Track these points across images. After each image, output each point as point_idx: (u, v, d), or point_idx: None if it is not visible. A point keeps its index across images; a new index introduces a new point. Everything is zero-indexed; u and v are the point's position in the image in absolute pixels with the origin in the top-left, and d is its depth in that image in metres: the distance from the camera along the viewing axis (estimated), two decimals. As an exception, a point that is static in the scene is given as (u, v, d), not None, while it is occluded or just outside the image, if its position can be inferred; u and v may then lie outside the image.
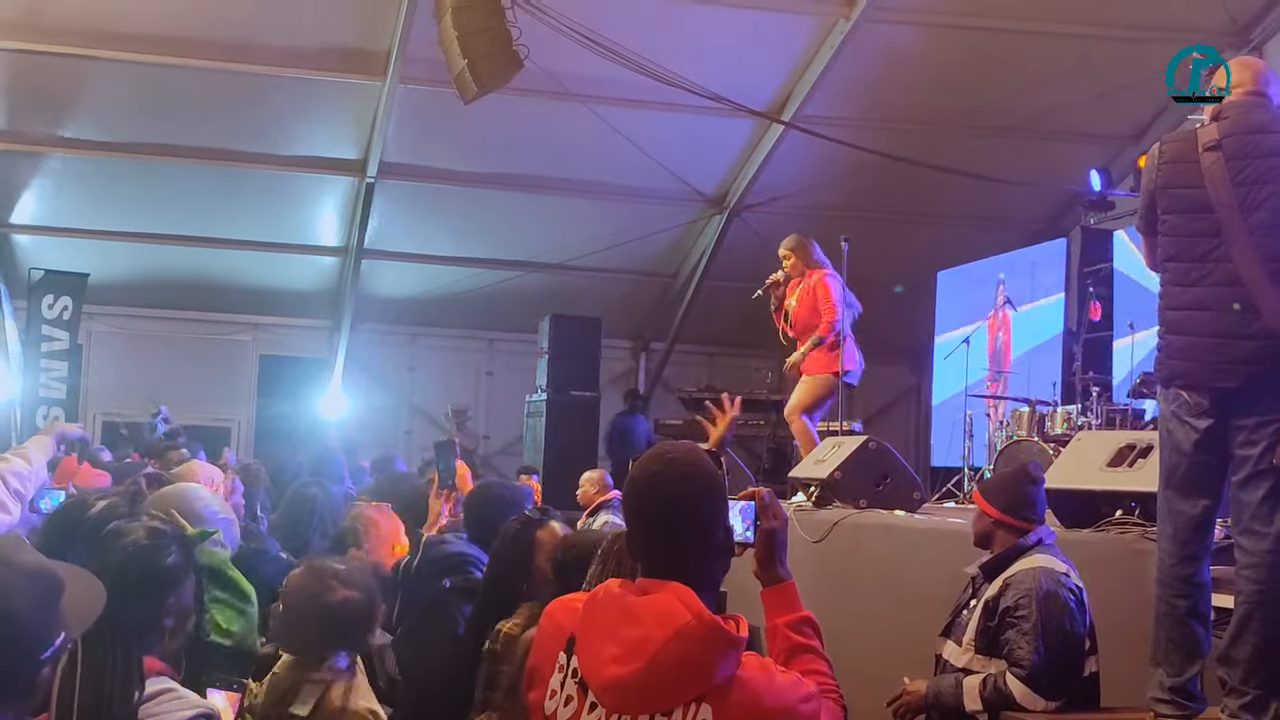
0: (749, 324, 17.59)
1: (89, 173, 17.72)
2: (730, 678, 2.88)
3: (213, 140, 17.02)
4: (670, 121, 16.19)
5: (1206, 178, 4.54)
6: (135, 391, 19.79)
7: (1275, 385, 4.36)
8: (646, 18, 14.54)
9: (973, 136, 16.41)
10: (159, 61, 15.59)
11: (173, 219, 18.35)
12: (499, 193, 17.96)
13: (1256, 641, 4.39)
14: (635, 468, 3.17)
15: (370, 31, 15.49)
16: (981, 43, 15.57)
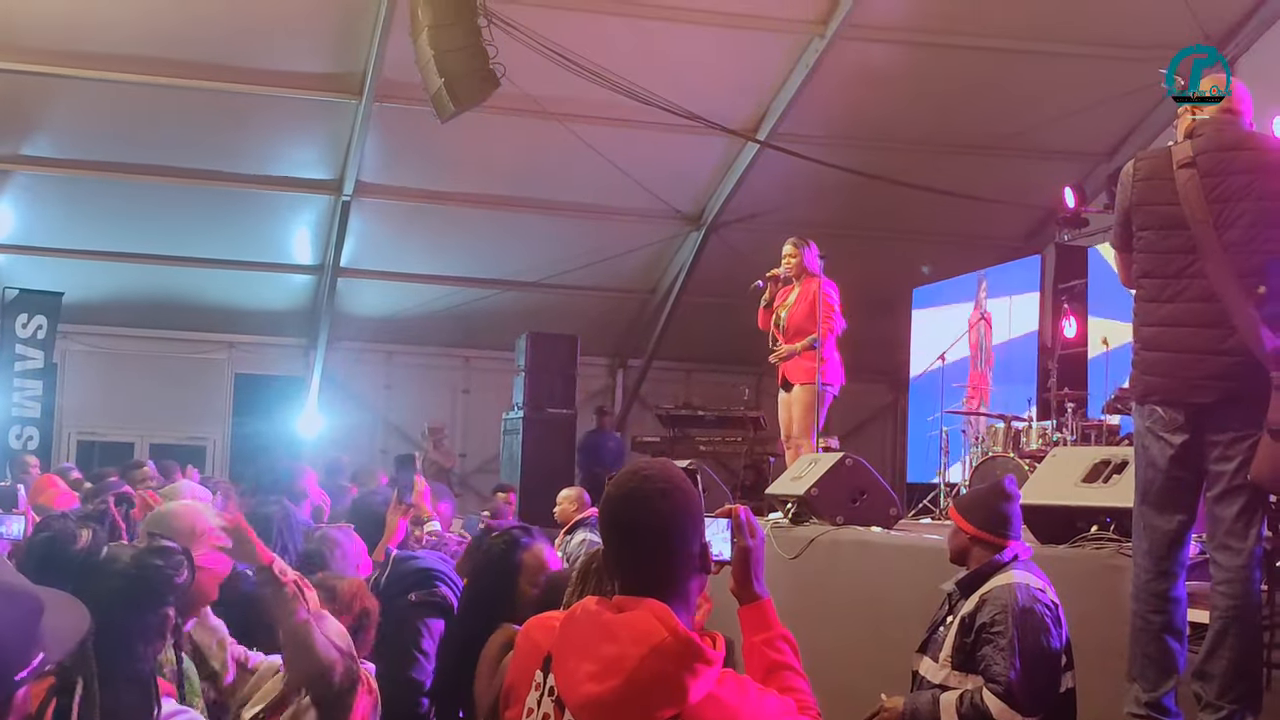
0: (726, 340, 17.72)
1: (64, 191, 17.68)
2: (707, 695, 2.87)
3: (188, 159, 17.00)
4: (646, 140, 16.22)
5: (1181, 195, 4.56)
6: (111, 411, 19.81)
7: (1250, 401, 4.38)
8: (622, 37, 14.59)
9: (947, 154, 16.48)
10: (134, 80, 15.59)
11: (148, 238, 18.32)
12: (475, 211, 17.98)
13: (1232, 656, 4.40)
14: (611, 485, 3.17)
15: (346, 50, 15.50)
16: (954, 61, 15.63)
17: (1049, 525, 6.62)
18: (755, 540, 3.27)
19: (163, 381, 19.93)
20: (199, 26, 14.97)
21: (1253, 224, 4.47)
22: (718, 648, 2.93)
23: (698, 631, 2.96)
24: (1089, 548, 6.38)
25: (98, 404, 19.79)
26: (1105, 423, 11.56)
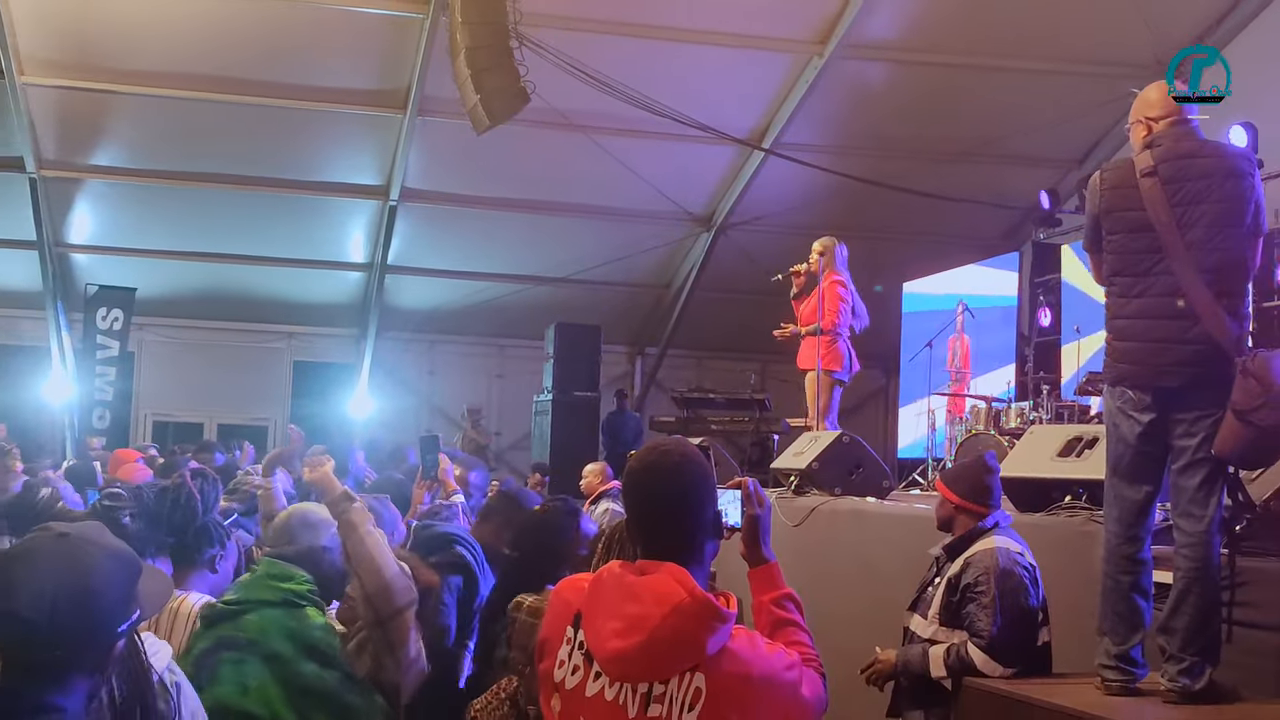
0: (734, 330, 17.74)
1: (138, 197, 17.73)
2: (721, 649, 2.87)
3: (250, 168, 17.07)
4: (662, 148, 16.21)
5: (1146, 200, 4.55)
6: (182, 394, 19.89)
7: (1211, 384, 4.37)
8: (640, 56, 14.57)
9: (934, 161, 16.44)
10: (201, 97, 15.65)
11: (214, 239, 18.37)
12: (508, 214, 17.97)
13: (1193, 613, 4.40)
14: (633, 460, 3.17)
15: (392, 70, 15.52)
16: (942, 77, 15.61)
17: (1027, 495, 6.61)
18: (763, 509, 3.27)
19: (228, 368, 20.00)
20: (260, 48, 15.00)
21: (1212, 224, 4.46)
22: (731, 606, 2.93)
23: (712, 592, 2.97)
24: (1063, 516, 6.37)
25: (170, 388, 19.88)
26: (1077, 404, 11.53)
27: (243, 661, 3.77)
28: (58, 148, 16.67)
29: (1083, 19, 14.47)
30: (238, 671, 3.76)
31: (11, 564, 2.40)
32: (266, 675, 3.76)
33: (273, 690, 3.74)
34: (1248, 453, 4.42)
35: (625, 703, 2.89)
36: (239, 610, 3.88)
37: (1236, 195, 4.51)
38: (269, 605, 3.88)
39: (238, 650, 3.79)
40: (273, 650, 3.79)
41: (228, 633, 3.84)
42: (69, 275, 19.02)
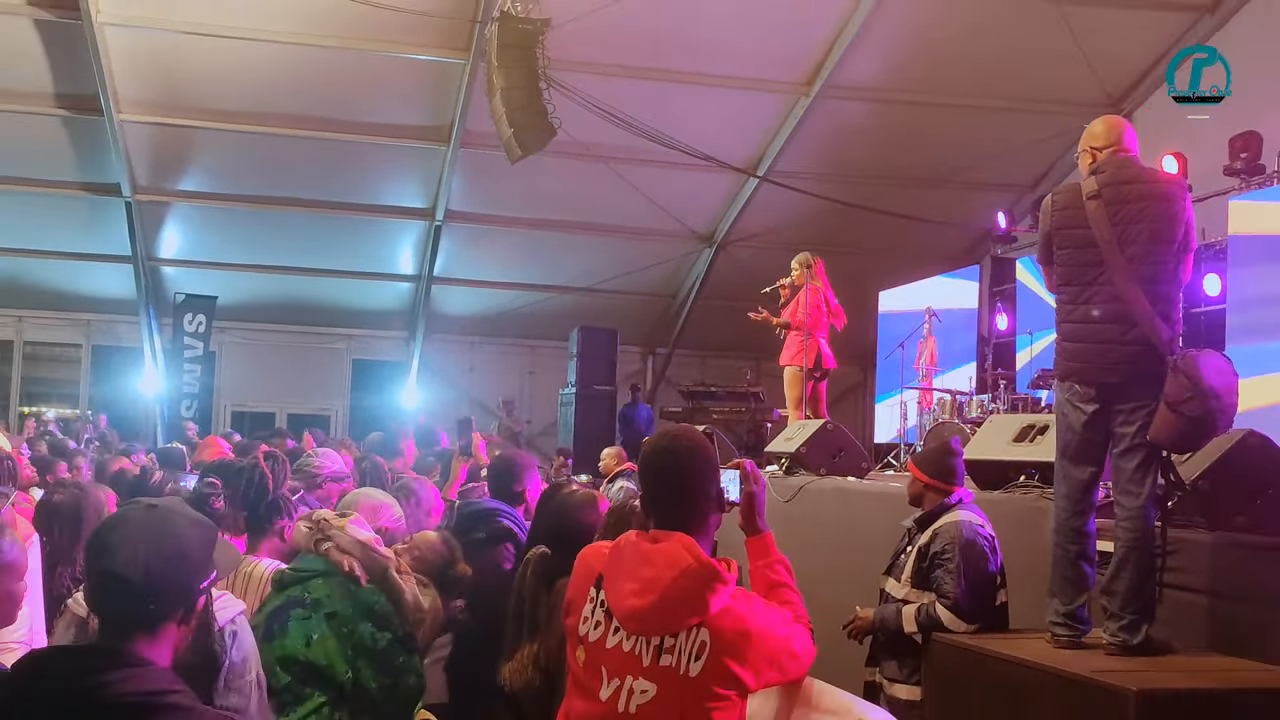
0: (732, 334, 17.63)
1: (219, 218, 17.81)
2: (723, 608, 2.87)
3: (315, 192, 17.12)
4: (669, 175, 16.20)
5: (1091, 220, 4.54)
6: (257, 387, 19.98)
7: (1147, 380, 4.37)
8: (651, 96, 14.57)
9: (906, 187, 16.42)
10: (272, 131, 15.68)
11: (284, 253, 18.43)
12: (538, 232, 17.99)
13: (1131, 577, 4.40)
14: (648, 444, 3.18)
15: (437, 108, 15.57)
16: (911, 114, 15.61)
17: (987, 475, 6.60)
18: (758, 486, 3.27)
19: (296, 365, 20.07)
20: (324, 89, 15.05)
21: (1148, 241, 4.46)
22: (731, 570, 2.94)
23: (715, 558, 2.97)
24: (1018, 493, 6.36)
25: (247, 382, 19.97)
26: (1030, 396, 11.51)
27: (308, 619, 3.78)
28: (150, 175, 16.72)
29: (1034, 62, 14.46)
30: (304, 627, 3.77)
31: (109, 531, 2.41)
32: (327, 631, 3.77)
33: (331, 644, 3.75)
34: (1178, 439, 4.42)
35: (640, 653, 2.90)
36: (308, 575, 3.90)
37: (1170, 216, 4.50)
38: (335, 573, 3.90)
39: (305, 609, 3.80)
40: (334, 610, 3.80)
41: (297, 594, 3.86)
42: (159, 285, 19.07)
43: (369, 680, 3.76)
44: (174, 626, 2.40)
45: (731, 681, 2.90)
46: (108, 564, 2.33)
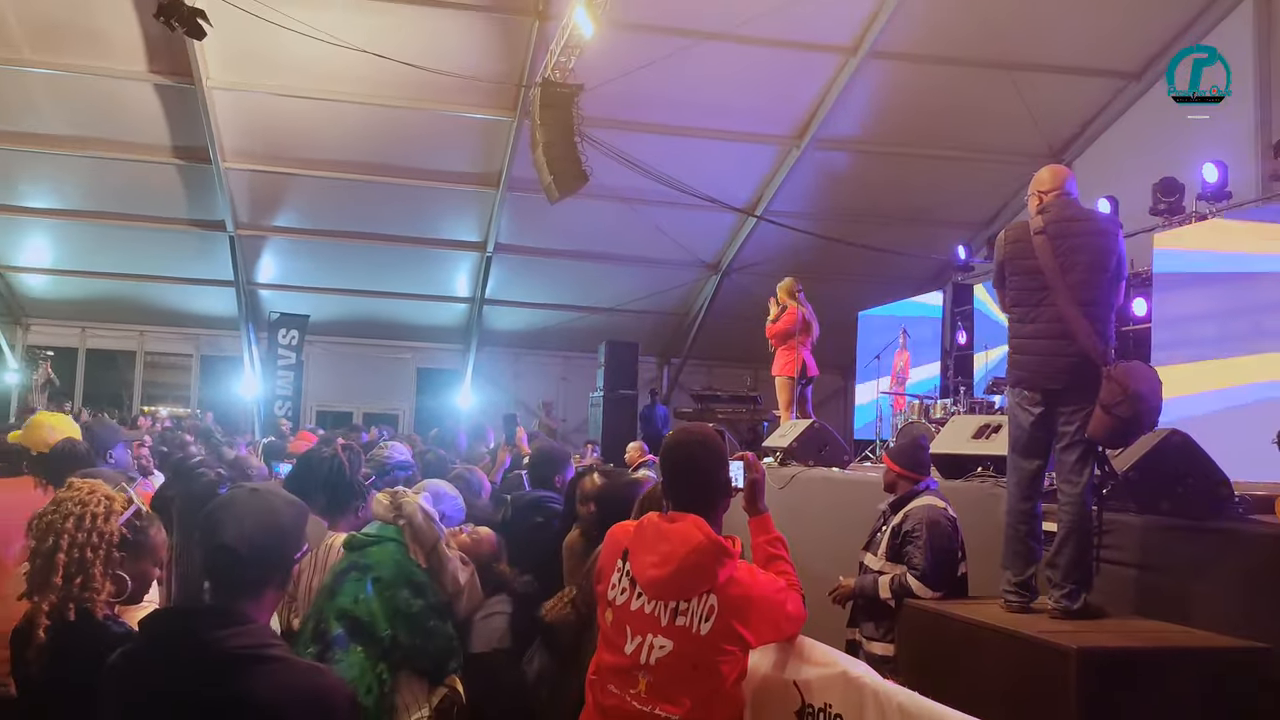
0: (735, 347, 17.69)
1: (308, 249, 17.93)
2: (729, 577, 2.88)
3: (386, 228, 17.22)
4: (682, 214, 16.21)
5: (1038, 252, 4.53)
6: (337, 391, 20.09)
7: (1084, 387, 4.35)
8: (667, 147, 14.64)
9: (881, 223, 16.41)
10: (352, 178, 15.81)
11: (361, 279, 18.52)
12: (572, 261, 18.03)
13: (1071, 553, 4.38)
14: (668, 440, 3.19)
15: (489, 158, 15.66)
16: (886, 163, 15.63)
17: (950, 467, 6.58)
18: (759, 475, 3.27)
19: (370, 372, 20.18)
20: (395, 142, 15.15)
21: (1087, 270, 4.44)
22: (735, 546, 2.95)
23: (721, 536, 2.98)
24: (976, 482, 6.35)
25: (329, 387, 20.06)
26: (985, 400, 11.46)
27: (361, 580, 3.79)
28: (249, 214, 16.85)
29: (989, 119, 14.47)
30: (355, 587, 3.78)
31: (218, 511, 2.43)
32: (372, 594, 3.77)
33: (375, 605, 3.75)
34: (1111, 436, 4.40)
35: (659, 615, 2.91)
36: (369, 543, 3.91)
37: (1104, 249, 4.49)
38: (392, 542, 3.91)
39: (359, 572, 3.81)
40: (380, 576, 3.81)
41: (355, 559, 3.87)
42: (257, 306, 19.19)
43: (404, 638, 3.77)
44: (272, 591, 2.43)
45: (736, 639, 2.90)
46: (219, 538, 2.35)
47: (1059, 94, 14.18)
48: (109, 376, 20.27)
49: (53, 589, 2.68)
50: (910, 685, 2.77)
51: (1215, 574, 4.50)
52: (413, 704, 3.78)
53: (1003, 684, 3.99)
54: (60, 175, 15.97)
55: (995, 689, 4.00)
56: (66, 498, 2.82)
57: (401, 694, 3.77)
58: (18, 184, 16.26)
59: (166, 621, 2.48)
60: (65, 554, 2.71)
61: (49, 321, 19.51)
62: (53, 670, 2.65)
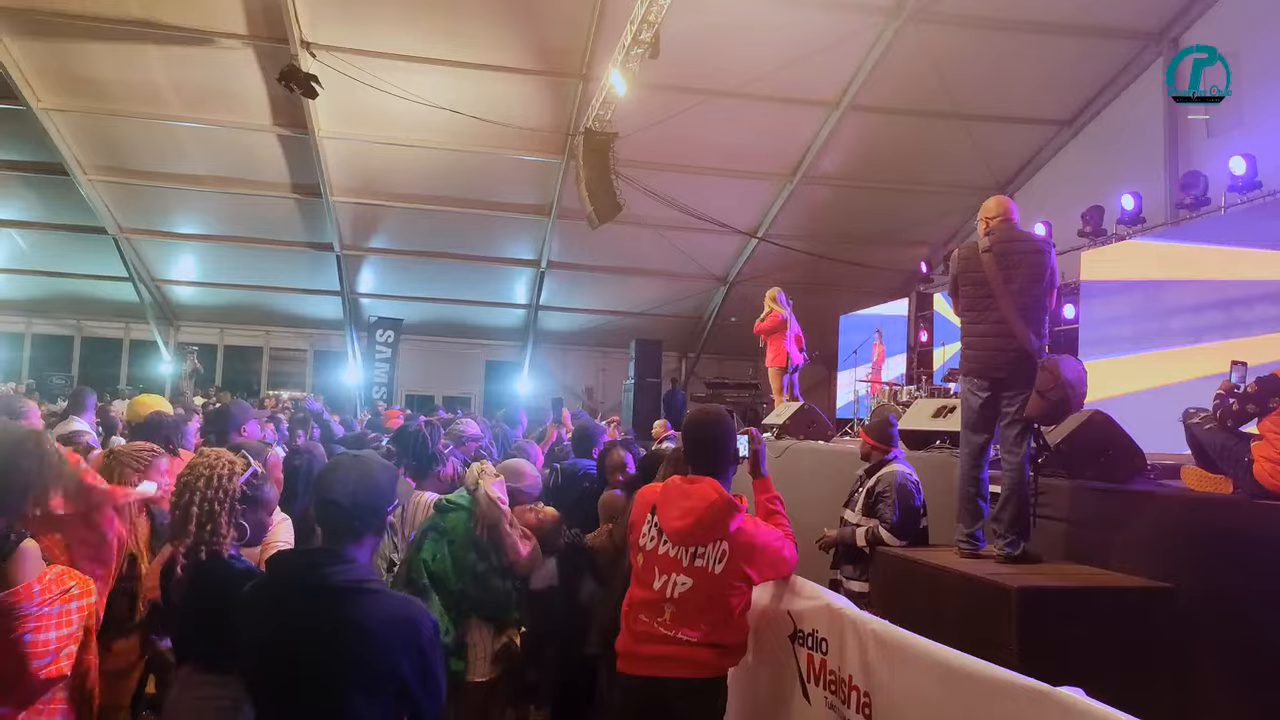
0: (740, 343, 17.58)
1: (398, 265, 18.00)
2: (738, 528, 2.89)
3: (459, 248, 17.26)
4: (697, 237, 16.15)
5: (985, 267, 4.50)
6: (423, 379, 20.20)
7: (1023, 375, 4.32)
8: (683, 181, 14.61)
9: (856, 243, 16.29)
10: (431, 208, 15.85)
11: (441, 289, 18.60)
12: (609, 275, 17.99)
13: (1013, 510, 4.36)
14: (688, 417, 3.20)
15: (542, 191, 15.65)
16: (861, 195, 15.51)
17: (915, 440, 6.56)
18: (760, 445, 3.28)
19: (448, 364, 20.28)
20: (466, 179, 15.20)
21: (1025, 280, 4.40)
22: (742, 503, 2.95)
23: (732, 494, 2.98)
24: (936, 452, 6.32)
25: (416, 376, 20.16)
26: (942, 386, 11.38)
27: (438, 540, 3.80)
28: (352, 237, 16.95)
29: (945, 158, 14.35)
30: (434, 545, 3.79)
31: (329, 472, 2.45)
32: (446, 552, 3.78)
33: (447, 563, 3.76)
34: (1044, 416, 4.36)
35: (680, 558, 2.92)
36: (449, 509, 3.92)
37: (1039, 264, 4.45)
38: (465, 510, 3.91)
39: (437, 533, 3.82)
40: (454, 538, 3.81)
41: (436, 521, 3.88)
42: (359, 311, 19.31)
43: (471, 591, 3.77)
44: (371, 536, 2.44)
45: (743, 578, 2.91)
46: (327, 494, 2.38)
47: (1003, 138, 14.04)
48: (242, 367, 20.49)
49: (188, 535, 2.73)
50: (881, 616, 2.77)
51: (1131, 528, 4.47)
52: (479, 644, 3.81)
53: (957, 615, 3.98)
54: (203, 207, 16.14)
55: (950, 619, 3.99)
56: (198, 462, 2.86)
57: (470, 635, 3.80)
58: (171, 214, 16.47)
59: (288, 559, 2.51)
60: (198, 507, 2.76)
61: (194, 323, 19.74)
62: (189, 598, 2.70)
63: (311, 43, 12.11)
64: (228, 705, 2.62)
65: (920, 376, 12.68)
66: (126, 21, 11.99)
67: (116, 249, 16.92)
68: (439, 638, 2.33)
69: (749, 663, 3.12)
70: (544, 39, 12.44)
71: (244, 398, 16.28)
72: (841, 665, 2.74)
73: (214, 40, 12.37)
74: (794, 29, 11.88)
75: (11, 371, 18.79)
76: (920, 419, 6.76)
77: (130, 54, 12.61)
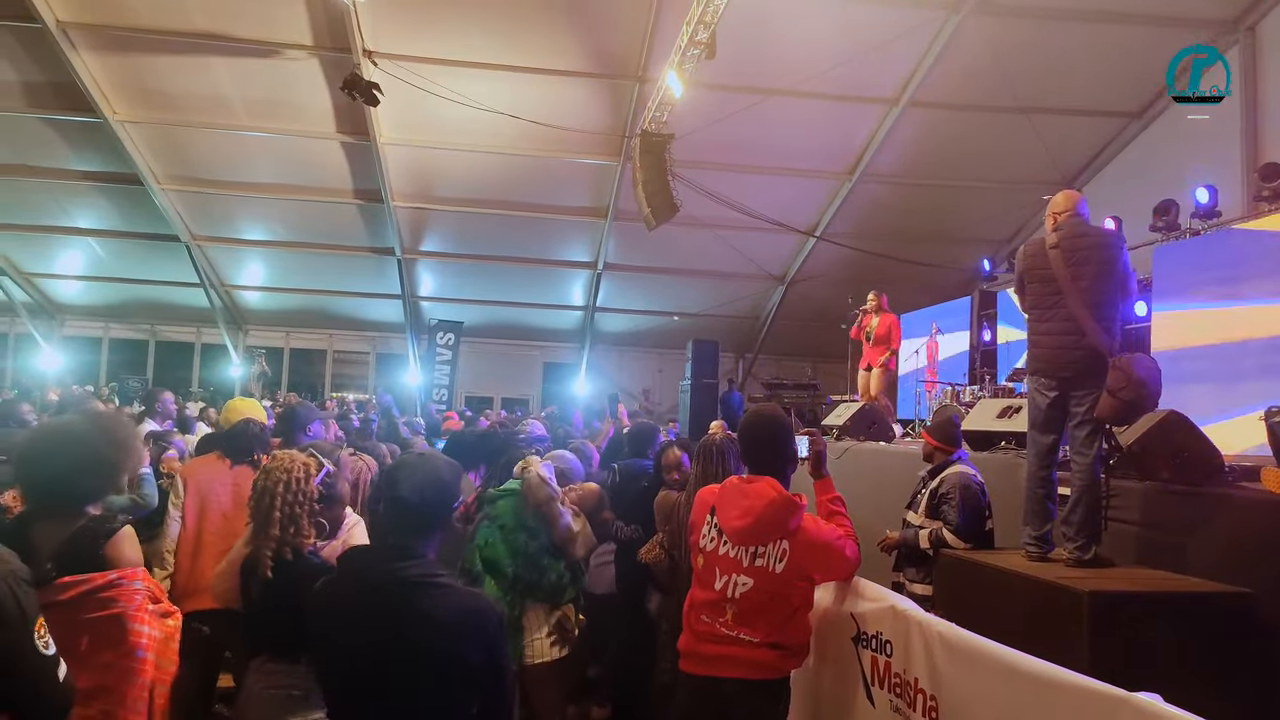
0: (798, 343, 17.50)
1: (457, 268, 18.24)
2: (798, 527, 2.88)
3: (518, 251, 17.41)
4: (755, 237, 16.05)
5: (1052, 263, 4.41)
6: (482, 380, 20.43)
7: (1093, 374, 4.24)
8: (740, 181, 14.55)
9: (916, 240, 16.04)
10: (488, 211, 16.02)
11: (499, 292, 18.81)
12: (666, 276, 18.00)
13: (1083, 513, 4.27)
14: (745, 418, 3.20)
15: (598, 193, 15.73)
16: (922, 192, 15.29)
17: (979, 441, 6.46)
18: (822, 446, 3.26)
19: (508, 366, 20.48)
20: (523, 182, 15.34)
21: (1094, 277, 4.31)
22: (802, 502, 2.94)
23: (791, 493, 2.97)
24: (1001, 453, 6.22)
25: (475, 377, 20.40)
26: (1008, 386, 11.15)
27: (491, 526, 3.91)
28: (412, 241, 17.23)
29: (1010, 154, 14.05)
30: (487, 531, 3.90)
31: (396, 470, 2.50)
32: (498, 536, 3.88)
33: (499, 546, 3.86)
34: (1116, 415, 4.28)
35: (741, 558, 2.92)
36: (499, 497, 4.01)
37: (1109, 259, 4.35)
38: (513, 495, 3.99)
39: (490, 520, 3.92)
40: (504, 523, 3.90)
41: (488, 510, 3.97)
42: (419, 314, 19.61)
43: (524, 573, 3.84)
44: (438, 532, 2.49)
45: (804, 577, 2.90)
46: (396, 491, 2.43)
47: (1069, 131, 13.70)
48: (307, 369, 20.99)
49: (272, 537, 2.81)
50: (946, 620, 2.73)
51: (1207, 531, 4.34)
52: (535, 626, 3.87)
53: (1024, 620, 3.91)
54: (269, 214, 16.57)
55: (1017, 624, 3.91)
56: (274, 467, 2.93)
57: (527, 617, 3.86)
58: (238, 221, 16.94)
59: (360, 555, 2.58)
60: (279, 511, 2.84)
61: (262, 327, 20.28)
62: (271, 595, 2.78)
63: (373, 51, 12.36)
64: (299, 694, 2.70)
65: (984, 376, 12.40)
66: (195, 34, 12.38)
67: (189, 256, 17.46)
68: (505, 630, 2.37)
69: (811, 665, 3.11)
70: (600, 42, 12.51)
71: (308, 399, 16.65)
72: (907, 668, 2.71)
73: (279, 51, 12.70)
74: (851, 26, 11.77)
75: (89, 374, 19.51)
76: (985, 419, 6.64)
77: (199, 66, 13.02)
